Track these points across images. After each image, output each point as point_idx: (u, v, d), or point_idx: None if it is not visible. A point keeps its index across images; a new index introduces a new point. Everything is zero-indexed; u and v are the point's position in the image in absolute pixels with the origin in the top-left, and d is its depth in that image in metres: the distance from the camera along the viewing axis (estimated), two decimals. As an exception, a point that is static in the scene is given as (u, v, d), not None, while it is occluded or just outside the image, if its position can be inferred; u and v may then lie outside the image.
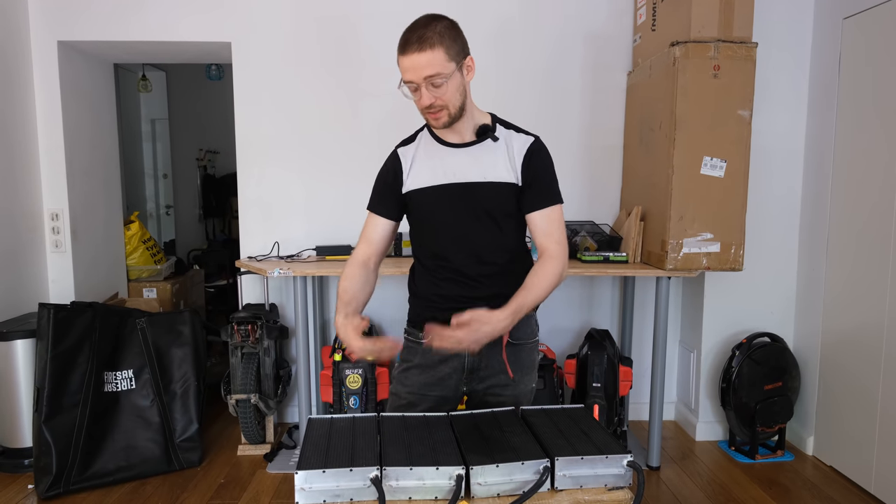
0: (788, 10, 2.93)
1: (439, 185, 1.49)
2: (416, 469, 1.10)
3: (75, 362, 2.52)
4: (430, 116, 1.45)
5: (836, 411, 2.79)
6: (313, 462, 1.11)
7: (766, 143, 2.94)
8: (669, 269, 2.60)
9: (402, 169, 1.53)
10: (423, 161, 1.52)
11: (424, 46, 1.36)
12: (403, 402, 1.55)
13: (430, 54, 1.36)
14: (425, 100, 1.40)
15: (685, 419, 3.28)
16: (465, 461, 1.13)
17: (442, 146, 1.52)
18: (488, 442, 1.23)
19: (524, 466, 1.13)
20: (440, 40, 1.37)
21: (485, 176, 1.49)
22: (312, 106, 3.12)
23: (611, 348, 2.82)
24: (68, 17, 3.01)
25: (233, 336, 2.82)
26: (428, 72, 1.37)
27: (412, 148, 1.55)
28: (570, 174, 3.16)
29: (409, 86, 1.41)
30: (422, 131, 1.57)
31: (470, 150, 1.51)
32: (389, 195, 1.54)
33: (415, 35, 1.37)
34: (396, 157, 1.55)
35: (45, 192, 3.10)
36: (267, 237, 3.16)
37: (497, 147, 1.51)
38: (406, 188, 1.52)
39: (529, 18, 3.09)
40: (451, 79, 1.39)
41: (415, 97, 1.43)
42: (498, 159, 1.50)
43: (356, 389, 2.74)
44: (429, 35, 1.37)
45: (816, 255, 2.92)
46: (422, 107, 1.43)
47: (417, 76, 1.38)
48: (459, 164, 1.49)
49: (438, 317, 1.51)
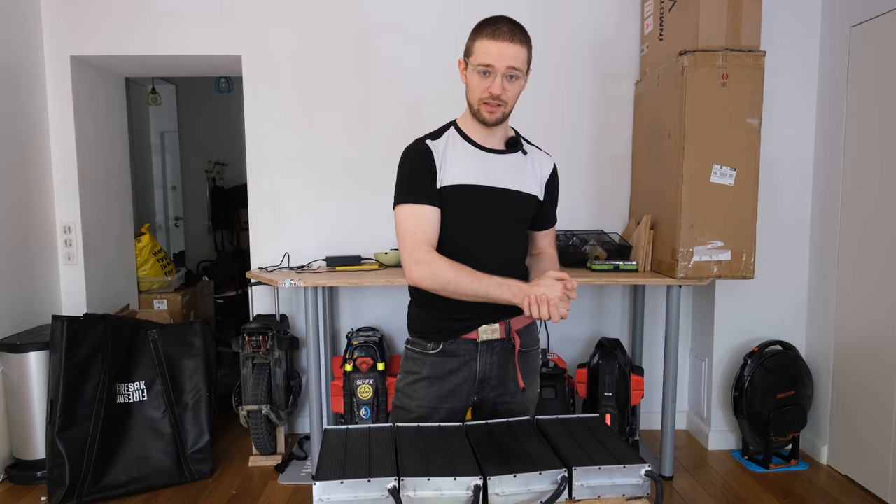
0: (796, 18, 2.94)
1: (475, 184, 1.46)
2: (433, 479, 1.10)
3: (88, 374, 2.53)
4: (488, 108, 1.42)
5: (850, 419, 2.77)
6: (331, 473, 1.12)
7: (775, 151, 2.94)
8: (680, 277, 2.60)
9: (436, 159, 1.45)
10: (456, 158, 1.47)
11: (516, 39, 1.39)
12: (414, 416, 1.51)
13: (519, 48, 1.39)
14: (497, 88, 1.39)
15: (697, 428, 3.25)
16: (482, 471, 1.13)
17: (474, 148, 1.50)
18: (505, 452, 1.23)
19: (542, 476, 1.13)
20: (527, 41, 1.42)
21: (517, 185, 1.50)
22: (322, 118, 3.15)
23: (622, 357, 2.80)
24: (81, 32, 3.05)
25: (244, 347, 2.83)
26: (513, 63, 1.38)
27: (441, 143, 1.48)
28: (578, 183, 3.17)
29: (484, 69, 1.39)
30: (448, 130, 1.52)
31: (503, 158, 1.51)
32: (430, 184, 1.43)
33: (506, 26, 1.39)
34: (427, 148, 1.46)
35: (58, 204, 3.14)
36: (277, 248, 3.18)
37: (525, 161, 1.53)
38: (440, 181, 1.44)
39: (537, 28, 3.09)
40: (522, 80, 1.43)
41: (483, 83, 1.40)
42: (526, 172, 1.53)
43: (367, 400, 2.74)
44: (520, 31, 1.41)
45: (827, 262, 2.90)
46: (488, 94, 1.40)
47: (502, 64, 1.38)
48: (493, 169, 1.49)
49: (452, 326, 1.51)
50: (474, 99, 1.44)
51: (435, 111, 3.05)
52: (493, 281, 1.38)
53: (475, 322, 1.50)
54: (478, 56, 1.40)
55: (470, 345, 1.51)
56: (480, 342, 1.51)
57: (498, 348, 1.53)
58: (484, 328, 1.50)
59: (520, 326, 1.55)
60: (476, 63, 1.40)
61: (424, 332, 1.54)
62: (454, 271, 1.38)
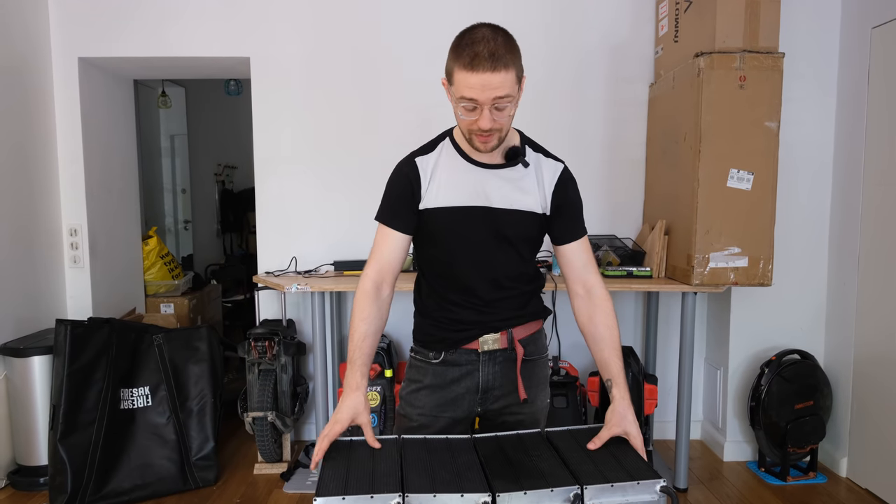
0: (815, 19, 2.87)
1: (464, 206, 1.38)
2: (439, 496, 1.05)
3: (92, 379, 2.51)
4: (481, 139, 1.30)
5: (870, 431, 2.68)
6: (332, 488, 1.07)
7: (793, 155, 2.87)
8: (696, 284, 2.53)
9: (420, 181, 1.38)
10: (446, 176, 1.40)
11: (498, 66, 1.20)
12: (415, 425, 1.48)
13: (504, 75, 1.21)
14: (485, 122, 1.25)
15: (712, 439, 3.17)
16: (490, 488, 1.08)
17: (468, 163, 1.41)
18: (515, 466, 1.17)
19: (553, 494, 1.08)
20: (512, 60, 1.22)
21: (514, 203, 1.39)
22: (331, 121, 3.12)
23: (635, 366, 2.74)
24: (89, 34, 3.04)
25: (250, 352, 2.79)
26: (499, 93, 1.22)
27: (431, 159, 1.41)
28: (591, 187, 3.11)
29: (466, 104, 1.24)
30: (442, 141, 1.44)
31: (499, 173, 1.40)
32: (405, 207, 1.40)
33: (485, 49, 1.20)
34: (414, 166, 1.40)
35: (64, 207, 3.12)
36: (284, 252, 3.15)
37: (527, 173, 1.41)
38: (425, 204, 1.39)
39: (550, 31, 3.06)
40: (513, 103, 1.27)
41: (469, 116, 1.27)
42: (527, 186, 1.41)
43: (374, 407, 2.69)
44: (501, 53, 1.21)
45: (847, 270, 2.82)
46: (477, 128, 1.27)
47: (486, 96, 1.22)
48: (487, 187, 1.39)
49: (452, 337, 1.47)
50: (463, 128, 1.32)
51: (445, 112, 3.00)
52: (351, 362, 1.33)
53: (476, 332, 1.46)
54: (459, 89, 1.23)
55: (471, 355, 1.47)
56: (482, 352, 1.47)
57: (500, 358, 1.48)
58: (484, 338, 1.46)
59: (523, 335, 1.50)
60: (458, 96, 1.24)
61: (426, 341, 1.51)
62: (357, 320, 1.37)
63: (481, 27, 1.26)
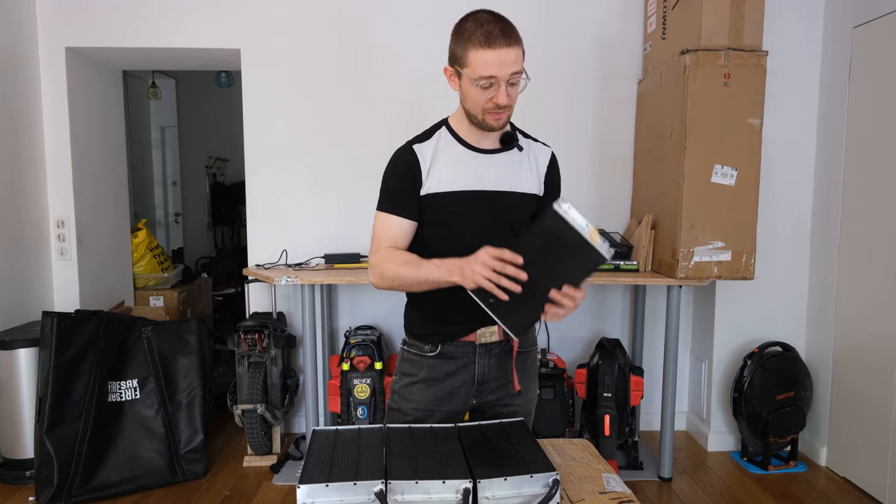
0: (798, 19, 2.91)
1: (467, 190, 1.41)
2: (421, 483, 1.08)
3: (79, 371, 2.51)
4: (494, 116, 1.35)
5: (848, 421, 2.74)
6: (316, 476, 1.09)
7: (776, 152, 2.91)
8: (681, 277, 2.57)
9: (421, 167, 1.40)
10: (446, 162, 1.42)
11: (511, 41, 1.28)
12: (409, 419, 1.48)
13: (517, 50, 1.29)
14: (503, 98, 1.30)
15: (697, 429, 3.22)
16: (472, 474, 1.10)
17: (467, 149, 1.43)
18: (497, 454, 1.20)
19: (533, 479, 1.10)
20: (519, 36, 1.31)
21: (512, 186, 1.43)
22: (322, 113, 3.12)
23: (622, 358, 2.78)
24: (77, 24, 3.02)
25: (239, 345, 2.80)
26: (515, 68, 1.29)
27: (430, 146, 1.43)
28: (580, 182, 3.14)
29: (485, 81, 1.29)
30: (439, 129, 1.47)
31: (497, 158, 1.45)
32: (408, 194, 1.40)
33: (497, 28, 1.27)
34: (413, 153, 1.41)
35: (52, 199, 3.11)
36: (275, 245, 3.15)
37: (522, 157, 1.46)
38: (426, 189, 1.40)
39: (542, 28, 3.08)
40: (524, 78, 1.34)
41: (485, 95, 1.31)
42: (523, 169, 1.46)
43: (364, 399, 2.71)
44: (511, 30, 1.29)
45: (827, 264, 2.87)
46: (493, 105, 1.32)
47: (505, 72, 1.28)
48: (487, 171, 1.42)
49: (449, 330, 1.48)
50: (476, 109, 1.36)
51: (437, 106, 2.98)
52: (431, 264, 1.33)
53: (473, 325, 1.47)
54: (476, 68, 1.29)
55: (468, 347, 1.48)
56: (479, 345, 1.48)
57: (496, 350, 1.50)
58: (482, 331, 1.47)
59: None
60: (475, 76, 1.30)
61: (422, 334, 1.51)
62: (397, 266, 1.37)
63: (481, 11, 1.33)
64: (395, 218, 1.42)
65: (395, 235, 1.42)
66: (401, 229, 1.42)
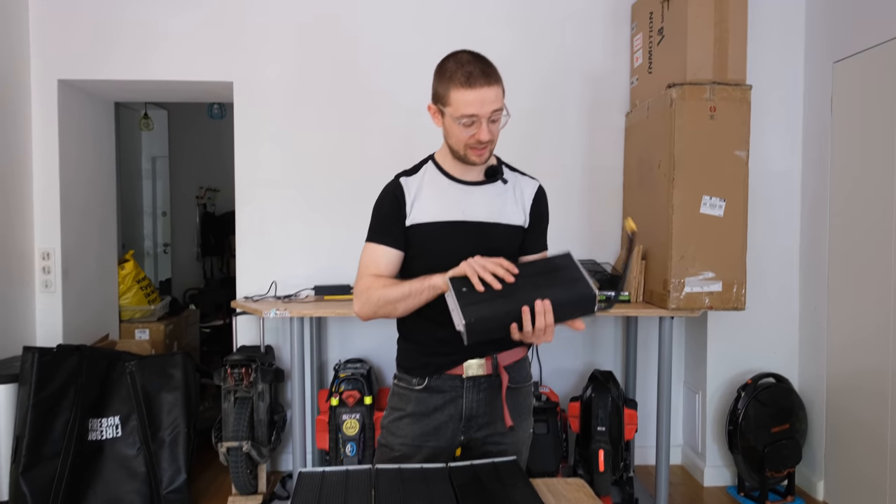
0: (780, 54, 2.99)
1: (449, 220, 1.43)
2: (412, 529, 1.04)
3: (59, 409, 2.43)
4: (476, 152, 1.39)
5: (844, 454, 2.70)
6: (303, 522, 1.05)
7: (763, 183, 2.94)
8: (672, 308, 2.56)
9: (406, 199, 1.44)
10: (430, 194, 1.45)
11: (491, 80, 1.34)
12: (396, 455, 1.46)
13: (497, 89, 1.35)
14: (485, 134, 1.35)
15: (692, 463, 3.17)
16: (464, 519, 1.07)
17: (451, 182, 1.47)
18: (489, 496, 1.16)
19: (527, 525, 1.07)
20: (498, 76, 1.36)
21: (497, 217, 1.46)
22: (313, 146, 3.12)
23: (615, 390, 2.74)
24: (70, 56, 3.03)
25: (226, 380, 2.74)
26: (495, 106, 1.34)
27: (416, 179, 1.47)
28: (570, 213, 3.15)
29: (467, 119, 1.34)
30: (426, 163, 1.51)
31: (481, 189, 1.47)
32: (394, 224, 1.44)
33: (477, 68, 1.33)
34: (399, 185, 1.46)
35: (38, 230, 3.06)
36: (265, 277, 3.12)
37: (506, 189, 1.49)
38: (410, 220, 1.44)
39: (532, 60, 3.12)
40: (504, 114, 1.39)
41: (468, 132, 1.36)
42: (507, 201, 1.48)
43: (353, 436, 2.65)
44: (491, 70, 1.35)
45: (817, 294, 2.88)
46: (476, 141, 1.37)
47: (486, 110, 1.33)
48: (470, 203, 1.45)
49: (436, 362, 1.47)
50: (458, 145, 1.40)
51: (428, 138, 3.03)
52: (417, 280, 1.35)
53: (460, 357, 1.45)
54: (457, 107, 1.34)
55: (455, 381, 1.46)
56: (466, 378, 1.46)
57: (485, 385, 1.47)
58: (469, 363, 1.45)
59: (508, 362, 1.49)
60: (458, 115, 1.35)
61: (409, 367, 1.50)
62: (380, 289, 1.39)
63: (462, 52, 1.38)
64: (382, 247, 1.45)
65: (382, 265, 1.45)
66: (388, 259, 1.45)
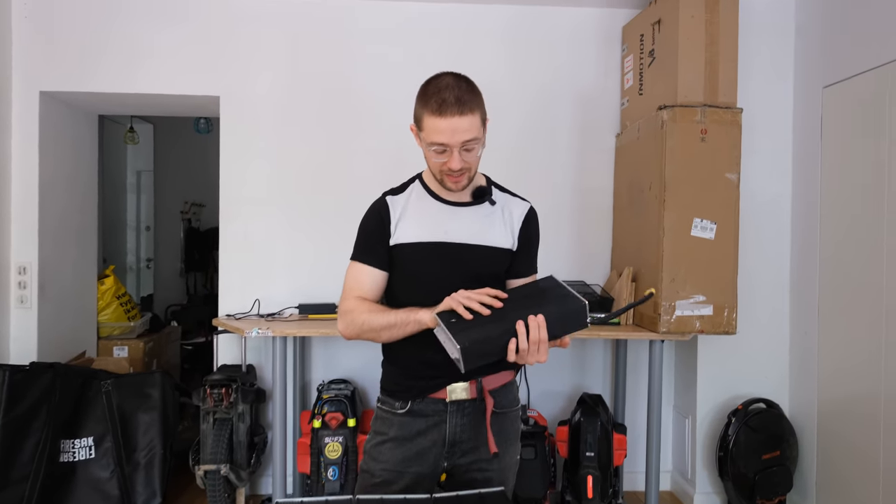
0: (770, 78, 3.00)
1: (432, 241, 1.40)
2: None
3: (29, 429, 2.34)
4: (452, 179, 1.36)
5: (837, 480, 2.67)
6: (279, 559, 0.98)
7: (754, 206, 2.93)
8: (663, 331, 2.53)
9: (391, 218, 1.42)
10: (415, 214, 1.43)
11: (465, 110, 1.29)
12: (378, 481, 1.41)
13: (470, 119, 1.30)
14: (455, 163, 1.32)
15: (682, 490, 3.12)
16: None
17: (437, 202, 1.45)
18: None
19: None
20: (477, 104, 1.32)
21: (480, 239, 1.42)
22: (299, 163, 3.08)
23: (604, 415, 2.69)
24: (52, 68, 2.97)
25: (205, 400, 2.66)
26: (467, 136, 1.30)
27: (402, 198, 1.45)
28: (562, 234, 3.12)
29: (437, 147, 1.31)
30: (413, 183, 1.49)
31: (467, 211, 1.44)
32: (379, 244, 1.42)
33: (451, 95, 1.29)
34: (385, 204, 1.44)
35: (15, 244, 2.97)
36: (248, 294, 3.05)
37: (493, 211, 1.46)
38: (394, 240, 1.42)
39: (523, 82, 3.12)
40: (480, 144, 1.35)
41: (439, 159, 1.33)
42: (494, 223, 1.45)
43: (335, 459, 2.57)
44: (467, 98, 1.30)
45: (808, 319, 2.86)
46: (447, 169, 1.34)
47: (456, 140, 1.30)
48: (455, 224, 1.42)
49: (419, 385, 1.42)
50: (434, 170, 1.39)
51: (416, 157, 3.00)
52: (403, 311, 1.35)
53: (443, 381, 1.41)
54: (429, 134, 1.31)
55: (439, 405, 1.42)
56: (450, 402, 1.42)
57: (469, 409, 1.43)
58: (452, 387, 1.41)
59: (494, 386, 1.45)
60: (429, 141, 1.32)
61: (392, 390, 1.47)
62: (367, 313, 1.38)
63: (445, 75, 1.34)
64: (366, 267, 1.43)
65: (366, 285, 1.43)
66: (372, 279, 1.43)
